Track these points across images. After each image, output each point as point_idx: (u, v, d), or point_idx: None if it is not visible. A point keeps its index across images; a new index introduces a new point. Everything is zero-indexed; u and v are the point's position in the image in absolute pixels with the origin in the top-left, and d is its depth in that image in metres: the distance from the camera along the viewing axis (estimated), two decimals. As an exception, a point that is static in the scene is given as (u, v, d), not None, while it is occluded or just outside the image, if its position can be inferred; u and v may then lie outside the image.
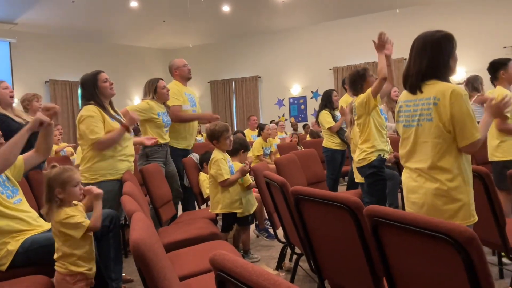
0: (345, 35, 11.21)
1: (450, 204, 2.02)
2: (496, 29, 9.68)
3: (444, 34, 2.11)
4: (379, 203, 3.37)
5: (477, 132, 1.99)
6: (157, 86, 4.21)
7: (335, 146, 5.40)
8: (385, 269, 1.71)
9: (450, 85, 2.02)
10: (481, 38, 9.77)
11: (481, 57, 9.54)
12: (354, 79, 3.74)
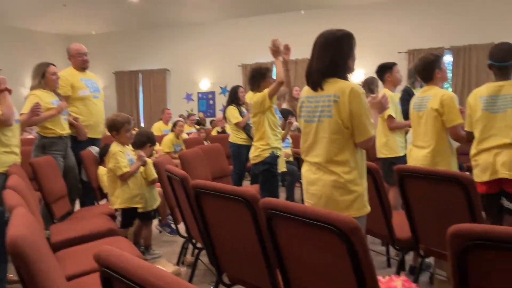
0: (253, 32, 11.37)
1: (346, 195, 2.13)
2: (392, 35, 10.41)
3: (345, 34, 2.19)
4: (272, 198, 3.49)
5: (372, 129, 2.12)
6: (46, 71, 3.92)
7: (241, 141, 5.46)
8: (278, 260, 1.75)
9: (349, 84, 2.11)
10: (379, 43, 10.44)
11: (379, 60, 10.16)
12: (254, 75, 3.83)
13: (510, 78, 2.79)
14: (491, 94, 2.80)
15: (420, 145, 3.16)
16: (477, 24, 9.68)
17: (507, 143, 2.70)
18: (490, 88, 2.82)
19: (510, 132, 2.69)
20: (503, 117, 2.73)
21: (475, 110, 2.87)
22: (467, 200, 2.23)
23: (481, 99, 2.84)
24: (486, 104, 2.81)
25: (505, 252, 1.17)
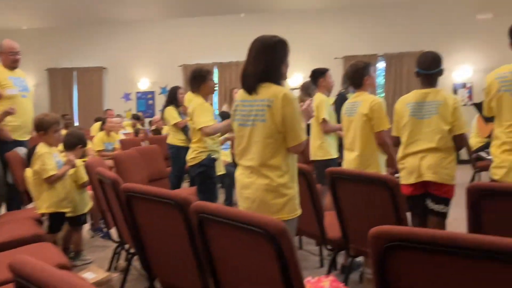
0: (194, 33, 11.29)
1: (278, 198, 2.16)
2: (329, 41, 10.74)
3: (280, 40, 2.23)
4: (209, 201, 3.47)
5: (304, 134, 2.17)
6: None
7: (180, 143, 5.38)
8: (210, 264, 1.74)
9: (282, 89, 2.15)
10: (317, 48, 10.74)
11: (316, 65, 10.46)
12: (194, 77, 3.79)
13: (435, 85, 2.96)
14: (418, 101, 2.95)
15: (351, 149, 3.27)
16: (409, 33, 10.20)
17: (432, 147, 2.85)
18: (417, 95, 2.98)
19: (434, 137, 2.85)
20: (429, 123, 2.88)
21: (402, 116, 3.02)
22: (393, 201, 2.33)
23: (408, 105, 2.99)
24: (413, 110, 2.95)
25: (421, 252, 1.23)
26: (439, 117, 2.84)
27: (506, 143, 2.51)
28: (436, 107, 2.86)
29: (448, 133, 2.85)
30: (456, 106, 2.83)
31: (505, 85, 2.50)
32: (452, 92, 9.95)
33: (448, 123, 2.84)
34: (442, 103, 2.84)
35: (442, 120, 2.84)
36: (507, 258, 1.11)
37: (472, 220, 2.08)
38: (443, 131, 2.83)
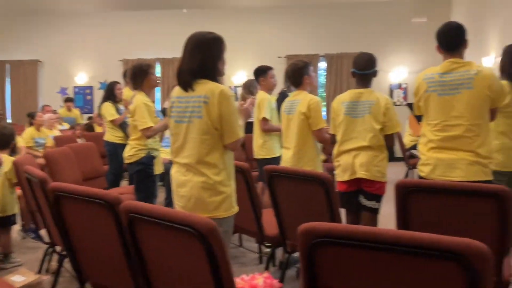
0: (135, 27, 10.99)
1: (214, 196, 2.14)
2: (273, 40, 10.84)
3: (216, 37, 2.22)
4: (147, 200, 3.41)
5: (241, 131, 2.17)
6: None
7: (117, 140, 5.23)
8: (141, 265, 1.70)
9: (219, 86, 2.14)
10: (261, 46, 10.81)
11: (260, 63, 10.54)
12: (135, 73, 3.68)
13: (369, 86, 3.07)
14: (352, 100, 3.04)
15: (289, 147, 3.32)
16: (349, 34, 10.51)
17: (365, 145, 2.95)
18: (352, 95, 3.07)
19: (367, 135, 2.96)
20: (362, 122, 2.99)
21: (338, 114, 3.10)
22: (327, 198, 2.39)
23: (343, 104, 3.08)
24: (348, 109, 3.04)
25: (346, 248, 1.26)
26: (371, 117, 2.95)
27: (432, 141, 2.64)
28: (369, 106, 2.96)
29: (379, 132, 2.96)
30: (388, 106, 2.95)
31: (432, 86, 2.63)
32: (388, 93, 10.37)
33: (379, 122, 2.95)
34: (375, 103, 2.95)
35: (374, 119, 2.95)
36: (426, 252, 1.17)
37: (400, 215, 2.18)
38: (375, 130, 2.94)
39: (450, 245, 1.12)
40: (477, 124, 2.52)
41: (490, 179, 2.61)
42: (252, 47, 10.84)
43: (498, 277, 2.11)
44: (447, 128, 2.58)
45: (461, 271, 1.13)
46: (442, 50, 2.66)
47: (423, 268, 1.20)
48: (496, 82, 2.54)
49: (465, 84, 2.52)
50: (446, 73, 2.59)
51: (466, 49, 2.66)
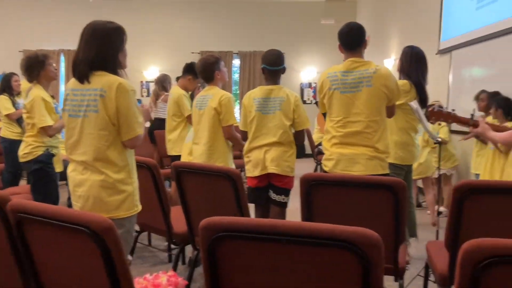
0: (35, 16, 10.25)
1: (115, 195, 2.04)
2: (187, 35, 10.69)
3: (115, 27, 2.10)
4: (45, 200, 3.18)
5: (140, 128, 2.07)
6: None
7: (14, 136, 4.83)
8: (32, 267, 1.57)
9: (118, 79, 2.02)
10: (174, 41, 10.62)
11: (173, 58, 10.41)
12: (31, 64, 3.40)
13: (278, 82, 3.12)
14: (263, 97, 3.07)
15: (200, 142, 3.28)
16: (262, 33, 10.67)
17: (275, 141, 3.01)
18: (262, 91, 3.10)
19: (277, 131, 3.01)
20: (273, 118, 3.03)
21: (249, 111, 3.12)
22: (235, 193, 2.39)
23: (254, 100, 3.10)
24: (259, 106, 3.07)
25: (247, 241, 1.26)
26: (281, 113, 3.01)
27: (335, 137, 2.75)
28: (280, 103, 3.02)
29: (289, 128, 3.03)
30: (297, 103, 3.03)
31: (335, 84, 2.73)
32: (299, 91, 10.71)
33: (289, 119, 3.02)
34: (285, 100, 3.01)
35: (284, 116, 3.01)
36: (323, 242, 1.20)
37: (305, 207, 2.24)
38: (285, 126, 3.01)
39: (344, 234, 1.16)
40: (375, 121, 2.67)
41: (388, 172, 2.78)
42: (165, 42, 10.60)
43: (394, 264, 2.25)
44: (349, 125, 2.70)
45: (356, 259, 1.18)
46: (344, 49, 2.78)
47: (322, 258, 1.23)
48: (392, 81, 2.71)
49: (364, 82, 2.65)
50: (347, 72, 2.71)
51: (365, 49, 2.80)
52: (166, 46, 10.54)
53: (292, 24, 10.71)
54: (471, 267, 1.13)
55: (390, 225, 2.17)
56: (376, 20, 9.23)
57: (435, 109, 2.66)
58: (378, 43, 9.02)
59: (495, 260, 1.10)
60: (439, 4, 6.25)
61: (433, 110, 2.65)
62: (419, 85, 3.36)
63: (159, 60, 10.58)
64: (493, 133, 2.47)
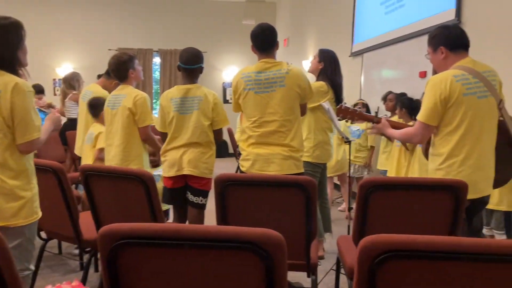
0: None
1: (12, 202, 1.91)
2: (103, 32, 10.27)
3: (11, 22, 1.95)
4: None
5: (36, 131, 1.95)
6: None
7: None
8: None
9: (14, 78, 1.90)
10: (90, 38, 10.16)
11: (89, 56, 9.96)
12: None
13: (196, 81, 3.07)
14: (181, 96, 3.01)
15: (113, 144, 3.15)
16: (183, 32, 10.54)
17: (193, 142, 2.95)
18: (179, 90, 3.03)
19: (196, 131, 2.96)
20: (191, 118, 2.97)
21: (168, 112, 3.04)
22: (147, 196, 2.32)
23: (172, 100, 3.02)
24: (176, 106, 3.00)
25: (150, 248, 1.21)
26: (200, 112, 2.96)
27: (251, 137, 2.77)
28: (198, 102, 2.97)
29: (208, 128, 2.99)
30: (216, 102, 3.00)
31: (249, 84, 2.75)
32: (222, 90, 10.71)
33: (208, 118, 2.98)
34: (203, 99, 2.97)
35: (202, 115, 2.97)
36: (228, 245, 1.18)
37: (219, 208, 2.22)
38: (204, 126, 2.97)
39: (247, 236, 1.16)
40: (289, 120, 2.72)
41: (302, 171, 2.84)
42: (80, 38, 10.11)
43: (306, 260, 2.30)
44: (264, 124, 2.73)
45: (259, 259, 1.18)
46: (256, 50, 2.81)
47: (227, 260, 1.22)
48: (305, 80, 2.77)
49: (278, 82, 2.69)
50: (260, 72, 2.74)
51: (278, 49, 2.85)
52: (81, 43, 10.06)
53: (214, 24, 10.68)
54: (368, 262, 1.17)
55: (301, 223, 2.22)
56: (295, 22, 9.48)
57: (342, 106, 2.75)
58: (297, 44, 9.27)
59: (389, 255, 1.15)
60: (352, 9, 6.55)
61: (341, 107, 2.75)
62: (340, 87, 3.51)
63: (73, 57, 10.07)
64: (391, 130, 2.59)
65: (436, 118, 2.29)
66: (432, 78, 2.34)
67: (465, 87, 2.26)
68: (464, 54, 2.37)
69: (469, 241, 1.10)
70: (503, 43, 2.47)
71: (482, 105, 2.29)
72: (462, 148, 2.28)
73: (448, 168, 2.30)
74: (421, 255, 1.12)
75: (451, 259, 1.11)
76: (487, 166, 2.34)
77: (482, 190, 2.34)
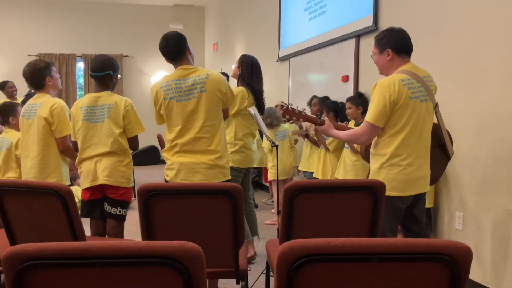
0: None
1: None
2: (22, 36, 9.71)
3: None
4: None
5: None
6: None
7: None
8: None
9: None
10: (7, 43, 9.58)
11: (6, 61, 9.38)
12: None
13: (108, 89, 2.95)
14: (90, 105, 2.89)
15: (28, 156, 2.97)
16: (109, 36, 10.22)
17: (107, 151, 2.85)
18: (90, 99, 2.92)
19: (108, 141, 2.85)
20: (101, 127, 2.86)
21: (77, 120, 2.92)
22: (65, 210, 2.20)
23: (82, 109, 2.90)
24: (86, 114, 2.88)
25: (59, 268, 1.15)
26: (110, 121, 2.86)
27: (175, 146, 2.72)
28: (108, 110, 2.87)
29: (120, 136, 2.90)
30: (127, 109, 2.90)
31: (170, 93, 2.68)
32: (151, 96, 10.50)
33: (119, 126, 2.88)
34: (113, 107, 2.87)
35: (114, 123, 2.87)
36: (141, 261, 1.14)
37: (143, 219, 2.16)
38: (115, 134, 2.86)
39: (163, 250, 1.13)
40: (212, 125, 2.70)
41: (229, 178, 2.83)
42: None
43: (235, 267, 2.29)
44: (188, 132, 2.69)
45: (177, 273, 1.15)
46: (169, 61, 2.78)
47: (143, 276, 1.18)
48: (225, 85, 2.76)
49: (198, 88, 2.66)
50: (179, 80, 2.69)
51: (191, 55, 2.81)
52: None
53: (141, 28, 10.45)
54: (286, 267, 1.18)
55: (229, 230, 2.21)
56: (223, 26, 9.50)
57: (288, 108, 2.76)
58: (226, 48, 9.30)
59: (305, 259, 1.17)
60: (278, 14, 6.67)
61: (287, 109, 2.75)
62: (259, 92, 3.54)
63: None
64: (335, 131, 2.68)
65: (384, 119, 2.42)
66: (380, 81, 2.45)
67: (410, 91, 2.41)
68: (407, 58, 2.52)
69: (378, 242, 1.14)
70: (416, 47, 2.64)
71: (423, 108, 2.46)
72: (404, 148, 2.43)
73: (391, 166, 2.45)
74: (334, 258, 1.15)
75: (362, 260, 1.15)
76: (425, 165, 2.53)
77: (421, 187, 2.54)
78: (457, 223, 3.35)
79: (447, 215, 3.46)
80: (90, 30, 10.11)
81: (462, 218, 3.30)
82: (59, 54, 9.72)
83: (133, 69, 10.44)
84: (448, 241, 1.17)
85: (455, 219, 3.37)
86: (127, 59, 10.31)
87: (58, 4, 9.95)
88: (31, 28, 9.81)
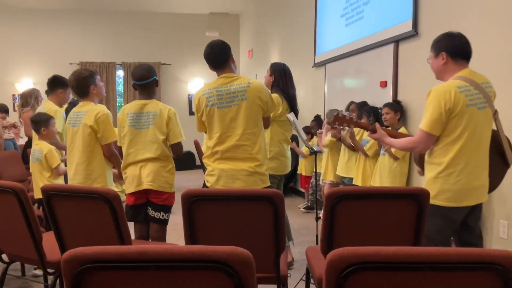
0: None
1: None
2: (64, 46, 10.07)
3: None
4: None
5: None
6: None
7: None
8: None
9: None
10: (50, 52, 9.95)
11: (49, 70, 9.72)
12: None
13: (153, 96, 3.04)
14: (136, 111, 2.98)
15: (73, 162, 3.08)
16: (147, 44, 10.47)
17: (151, 157, 2.93)
18: (136, 106, 3.01)
19: (152, 146, 2.93)
20: (147, 133, 2.95)
21: (123, 126, 3.01)
22: (113, 215, 2.27)
23: (128, 115, 2.99)
24: (132, 121, 2.98)
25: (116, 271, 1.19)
26: (155, 128, 2.94)
27: (216, 153, 2.76)
28: (153, 117, 2.95)
29: (164, 142, 2.98)
30: (170, 117, 2.98)
31: (211, 100, 2.73)
32: (187, 102, 10.66)
33: (163, 133, 2.96)
34: (158, 114, 2.95)
35: (158, 130, 2.95)
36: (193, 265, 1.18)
37: (187, 224, 2.20)
38: (159, 141, 2.94)
39: (215, 255, 1.15)
40: (253, 133, 2.73)
41: (268, 185, 2.85)
42: (40, 53, 9.88)
43: (276, 273, 2.31)
44: (228, 139, 2.73)
45: (228, 278, 1.17)
46: (212, 69, 2.82)
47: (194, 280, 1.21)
48: (265, 93, 2.79)
49: (239, 96, 2.70)
50: (221, 88, 2.74)
51: (234, 63, 2.85)
52: (41, 57, 9.83)
53: (178, 36, 10.65)
54: (335, 275, 1.19)
55: (270, 236, 2.23)
56: (258, 33, 9.56)
57: (339, 114, 2.72)
58: (261, 55, 9.35)
59: (355, 267, 1.17)
60: (313, 20, 6.67)
61: (337, 115, 2.70)
62: (293, 97, 3.57)
63: (33, 72, 9.82)
64: (390, 139, 2.60)
65: (440, 127, 2.34)
66: (436, 88, 2.38)
67: (468, 98, 2.32)
68: (464, 64, 2.43)
69: (429, 251, 1.13)
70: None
71: (481, 116, 2.37)
72: (461, 157, 2.35)
73: (447, 176, 2.36)
74: (384, 266, 1.15)
75: (412, 269, 1.14)
76: (483, 174, 2.43)
77: (479, 198, 2.43)
78: (502, 232, 3.25)
79: (491, 223, 3.36)
80: (129, 39, 10.39)
81: (507, 226, 3.20)
82: (99, 62, 10.04)
83: (170, 77, 10.66)
84: (501, 250, 1.15)
85: (500, 227, 3.27)
86: (164, 67, 10.53)
87: (98, 14, 10.28)
88: (73, 38, 10.17)
